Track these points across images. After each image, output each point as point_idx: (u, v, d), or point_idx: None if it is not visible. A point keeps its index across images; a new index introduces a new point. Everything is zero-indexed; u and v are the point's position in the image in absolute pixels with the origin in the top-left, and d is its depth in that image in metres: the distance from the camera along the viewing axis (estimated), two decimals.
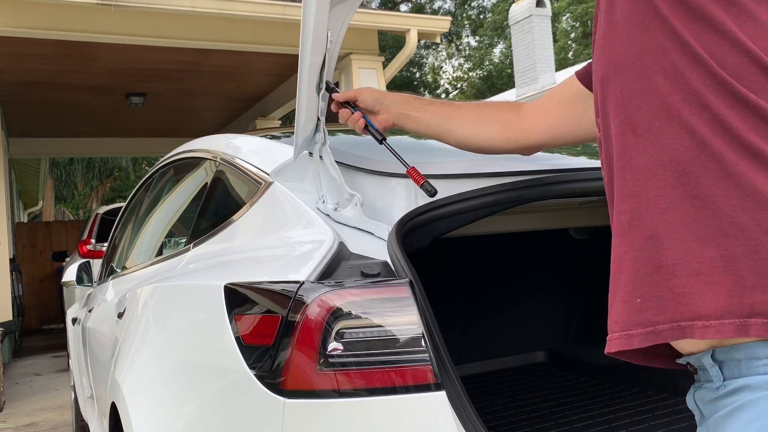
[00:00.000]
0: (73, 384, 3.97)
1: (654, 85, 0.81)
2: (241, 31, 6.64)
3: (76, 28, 6.07)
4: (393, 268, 1.22)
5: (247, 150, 1.90)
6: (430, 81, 29.15)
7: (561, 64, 20.07)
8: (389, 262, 1.24)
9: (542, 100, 1.37)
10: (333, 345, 1.11)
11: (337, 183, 1.48)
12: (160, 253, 2.41)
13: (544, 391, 2.44)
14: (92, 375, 2.79)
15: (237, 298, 1.31)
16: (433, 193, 1.38)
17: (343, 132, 1.93)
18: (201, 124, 10.57)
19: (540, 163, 1.62)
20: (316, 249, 1.28)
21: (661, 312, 0.79)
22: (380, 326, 1.12)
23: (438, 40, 7.99)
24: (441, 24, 7.88)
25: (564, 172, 1.60)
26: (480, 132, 1.42)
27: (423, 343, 1.12)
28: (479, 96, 24.96)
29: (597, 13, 0.93)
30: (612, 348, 0.85)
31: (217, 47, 6.78)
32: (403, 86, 25.71)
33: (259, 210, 1.63)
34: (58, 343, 8.41)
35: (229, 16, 6.32)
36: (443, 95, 29.46)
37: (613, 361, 2.76)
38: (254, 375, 1.19)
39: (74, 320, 3.71)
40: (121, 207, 3.92)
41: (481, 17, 28.20)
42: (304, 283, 1.17)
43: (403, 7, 26.25)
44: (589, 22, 23.17)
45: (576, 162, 1.79)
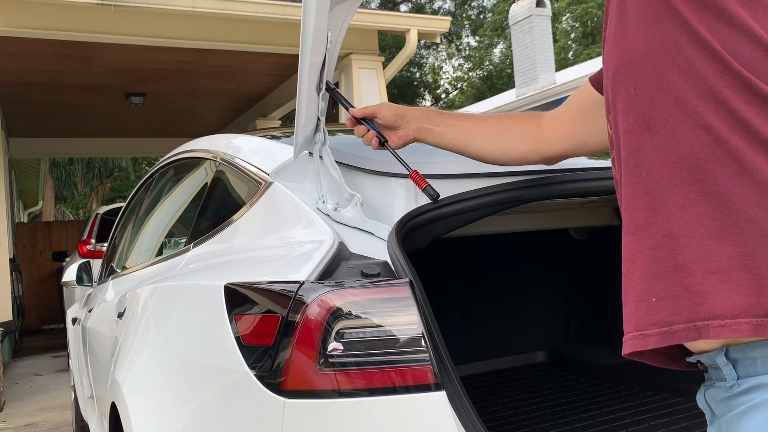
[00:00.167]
0: (73, 384, 3.97)
1: (668, 82, 0.80)
2: (241, 31, 6.64)
3: (76, 28, 6.07)
4: (393, 268, 1.22)
5: (247, 150, 1.90)
6: (430, 81, 29.15)
7: (561, 64, 20.07)
8: (389, 262, 1.24)
9: (562, 109, 1.36)
10: (333, 345, 1.11)
11: (337, 183, 1.48)
12: (160, 253, 2.41)
13: (544, 391, 2.44)
14: (92, 375, 2.79)
15: (237, 298, 1.31)
16: (435, 197, 1.38)
17: (343, 132, 1.93)
18: (201, 124, 10.57)
19: None
20: (316, 249, 1.29)
21: (677, 312, 0.78)
22: (380, 326, 1.12)
23: (438, 40, 7.99)
24: (441, 24, 7.88)
25: (564, 172, 1.60)
26: (503, 145, 1.41)
27: (423, 343, 1.12)
28: (479, 96, 24.94)
29: (607, 10, 0.92)
30: (627, 349, 0.83)
31: (217, 47, 6.78)
32: (403, 86, 25.72)
33: (259, 210, 1.63)
34: (58, 343, 8.41)
35: (229, 16, 6.32)
36: (443, 95, 29.47)
37: (613, 361, 2.75)
38: (254, 375, 1.19)
39: (74, 320, 3.71)
40: (121, 207, 3.92)
41: (481, 17, 28.21)
42: (304, 283, 1.17)
43: (403, 7, 26.27)
44: (589, 22, 23.17)
45: (576, 162, 1.79)
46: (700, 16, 0.78)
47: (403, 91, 25.92)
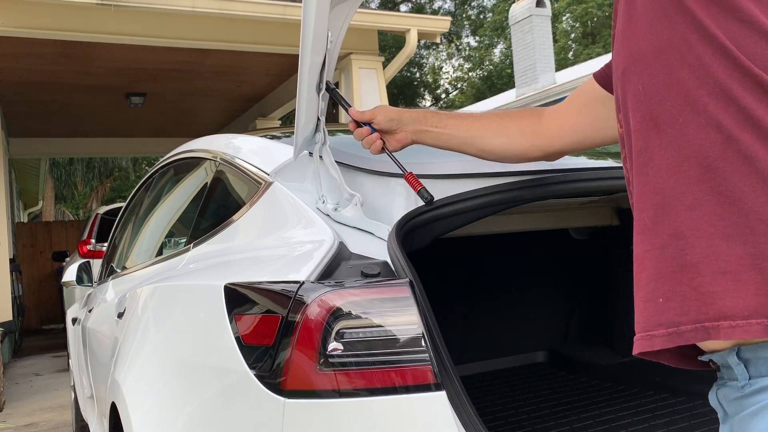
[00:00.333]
0: (73, 384, 3.97)
1: (678, 80, 0.79)
2: (241, 31, 6.64)
3: (76, 28, 6.07)
4: (393, 268, 1.22)
5: (247, 150, 1.90)
6: (430, 81, 29.14)
7: (561, 64, 20.06)
8: (389, 262, 1.24)
9: (564, 104, 1.35)
10: (333, 345, 1.11)
11: (337, 183, 1.48)
12: (160, 253, 2.41)
13: (544, 391, 2.44)
14: (92, 375, 2.80)
15: (237, 298, 1.31)
16: (429, 200, 1.38)
17: (343, 132, 1.93)
18: (201, 124, 10.58)
19: (540, 163, 1.62)
20: (316, 249, 1.29)
21: (685, 312, 0.77)
22: (380, 326, 1.12)
23: (438, 40, 8.00)
24: (441, 24, 7.88)
25: (564, 172, 1.60)
26: (503, 141, 1.40)
27: (423, 343, 1.12)
28: (479, 96, 24.94)
29: (616, 7, 0.91)
30: (635, 349, 0.82)
31: (217, 47, 6.78)
32: (403, 86, 25.72)
33: (259, 210, 1.63)
34: (58, 343, 8.41)
35: (229, 16, 6.32)
36: (443, 95, 29.47)
37: (613, 361, 2.75)
38: (254, 375, 1.19)
39: (74, 320, 3.71)
40: (121, 207, 3.92)
41: (481, 17, 28.21)
42: (304, 283, 1.17)
43: (403, 7, 26.27)
44: (589, 22, 23.17)
45: (576, 162, 1.79)
46: (710, 13, 0.77)
47: (403, 91, 25.92)
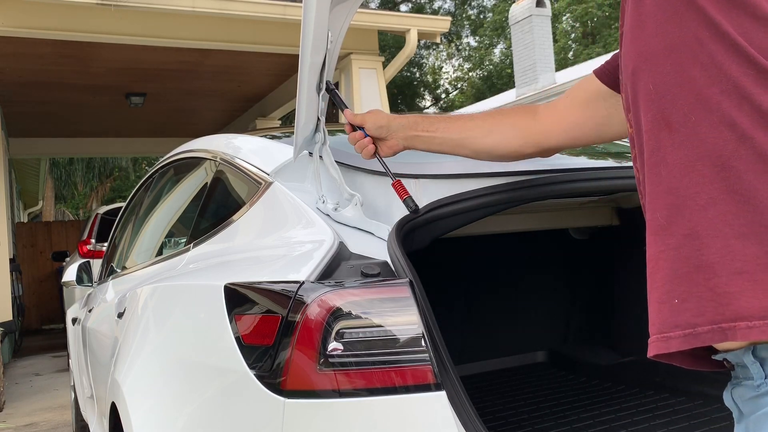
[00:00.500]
0: (73, 384, 3.97)
1: (690, 78, 0.78)
2: (241, 31, 6.64)
3: (76, 28, 6.07)
4: (393, 268, 1.22)
5: (247, 150, 1.90)
6: (430, 81, 29.14)
7: (561, 64, 20.06)
8: (389, 262, 1.24)
9: (560, 100, 1.34)
10: (333, 345, 1.11)
11: (337, 183, 1.48)
12: (160, 253, 2.41)
13: (544, 391, 2.44)
14: (92, 375, 2.80)
15: (237, 298, 1.31)
16: (414, 209, 1.37)
17: (343, 132, 1.93)
18: (201, 124, 10.57)
19: (540, 163, 1.62)
20: (316, 249, 1.29)
21: (701, 313, 0.76)
22: (380, 326, 1.12)
23: (438, 40, 8.00)
24: (441, 24, 7.88)
25: (564, 172, 1.60)
26: (496, 140, 1.39)
27: (423, 343, 1.12)
28: (479, 96, 24.94)
29: (623, 7, 0.90)
30: (651, 352, 0.81)
31: (217, 47, 6.78)
32: (403, 86, 25.72)
33: (259, 210, 1.63)
34: (58, 343, 8.41)
35: (229, 16, 6.32)
36: (443, 95, 29.47)
37: (613, 361, 2.75)
38: (254, 375, 1.19)
39: (74, 320, 3.71)
40: (121, 207, 3.92)
41: (481, 17, 28.21)
42: (304, 283, 1.17)
43: (403, 7, 26.27)
44: (589, 22, 23.16)
45: (576, 162, 1.79)
46: (721, 9, 0.76)
47: (403, 91, 25.92)
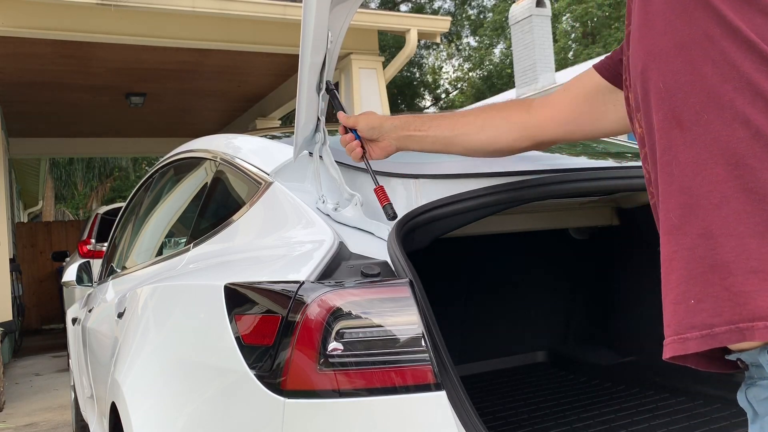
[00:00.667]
0: (73, 384, 3.97)
1: (701, 75, 0.77)
2: (241, 31, 6.64)
3: (76, 28, 6.07)
4: (393, 268, 1.22)
5: (247, 150, 1.90)
6: (430, 81, 29.14)
7: (561, 64, 20.06)
8: (389, 262, 1.24)
9: (557, 95, 1.33)
10: (333, 345, 1.11)
11: (337, 183, 1.48)
12: (160, 253, 2.41)
13: (544, 391, 2.44)
14: (92, 375, 2.80)
15: (237, 298, 1.31)
16: (392, 216, 1.37)
17: None
18: (201, 124, 10.57)
19: (540, 163, 1.62)
20: (316, 249, 1.29)
21: (718, 313, 0.75)
22: (380, 326, 1.12)
23: (438, 40, 7.99)
24: (441, 24, 7.88)
25: (564, 172, 1.60)
26: (489, 135, 1.37)
27: (423, 343, 1.12)
28: (479, 96, 24.94)
29: (630, 6, 0.90)
30: (667, 353, 0.80)
31: (217, 47, 6.78)
32: (403, 86, 25.72)
33: (259, 210, 1.63)
34: (58, 343, 8.41)
35: (229, 16, 6.32)
36: (443, 95, 29.46)
37: (613, 361, 2.74)
38: (254, 375, 1.19)
39: (74, 320, 3.71)
40: (121, 207, 3.92)
41: (481, 17, 28.20)
42: (304, 283, 1.17)
43: (403, 7, 26.27)
44: (589, 22, 23.16)
45: (576, 162, 1.79)
46: (733, 5, 0.76)
47: (403, 91, 25.92)
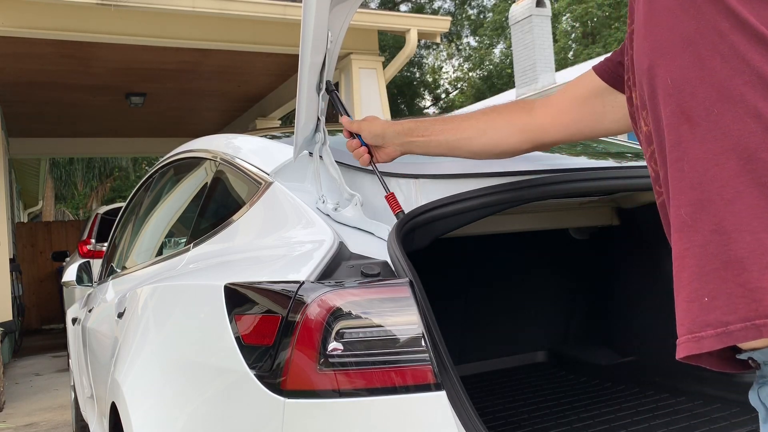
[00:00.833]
0: (73, 384, 3.97)
1: (710, 70, 0.76)
2: (241, 31, 6.64)
3: (76, 28, 6.07)
4: (393, 268, 1.22)
5: (247, 150, 1.90)
6: (430, 81, 29.14)
7: (561, 64, 20.07)
8: (389, 262, 1.24)
9: (557, 96, 1.33)
10: (333, 345, 1.11)
11: (337, 183, 1.48)
12: (160, 253, 2.41)
13: (544, 391, 2.44)
14: (92, 375, 2.80)
15: (237, 298, 1.31)
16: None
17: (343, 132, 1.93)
18: (201, 124, 10.58)
19: (540, 163, 1.62)
20: (316, 249, 1.29)
21: (733, 311, 0.73)
22: (380, 326, 1.12)
23: (438, 40, 7.99)
24: (441, 24, 7.88)
25: (564, 172, 1.60)
26: (492, 139, 1.39)
27: (423, 343, 1.12)
28: (479, 96, 24.94)
29: (632, 4, 0.89)
30: (681, 353, 0.79)
31: (217, 47, 6.78)
32: (403, 86, 25.72)
33: (259, 210, 1.63)
34: (58, 343, 8.42)
35: (229, 16, 6.32)
36: (443, 95, 29.47)
37: (613, 361, 2.74)
38: (254, 375, 1.19)
39: (74, 320, 3.71)
40: (121, 207, 3.92)
41: (481, 17, 28.21)
42: (304, 283, 1.17)
43: (403, 7, 26.27)
44: (589, 22, 23.16)
45: (576, 162, 1.79)
46: None
47: (403, 91, 25.92)
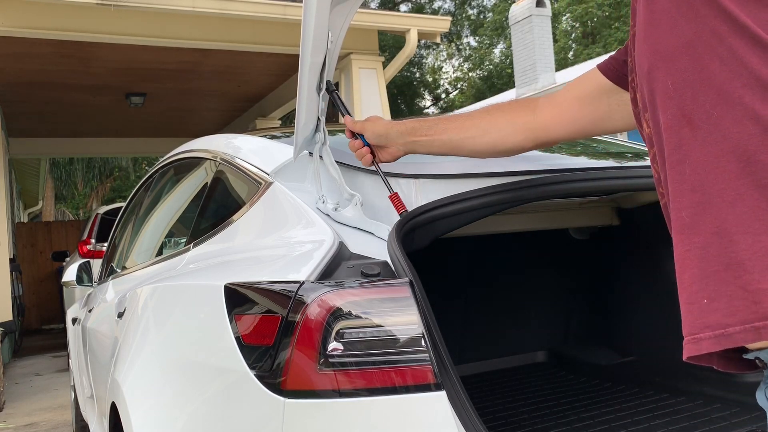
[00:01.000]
0: (73, 384, 3.97)
1: (709, 73, 0.77)
2: (241, 31, 6.64)
3: (76, 28, 6.07)
4: (393, 268, 1.22)
5: (247, 150, 1.90)
6: (430, 81, 29.14)
7: (561, 64, 20.07)
8: (389, 262, 1.24)
9: (560, 95, 1.33)
10: (333, 345, 1.11)
11: (337, 183, 1.48)
12: (160, 253, 2.41)
13: (544, 391, 2.44)
14: (92, 375, 2.80)
15: (237, 298, 1.31)
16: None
17: (343, 132, 1.93)
18: (201, 124, 10.58)
19: (540, 163, 1.62)
20: (316, 249, 1.29)
21: (732, 313, 0.74)
22: (380, 326, 1.12)
23: (438, 40, 7.99)
24: (441, 24, 7.88)
25: (564, 172, 1.60)
26: (495, 138, 1.39)
27: (423, 343, 1.12)
28: (479, 96, 24.94)
29: (634, 5, 0.89)
30: (684, 354, 0.79)
31: (217, 47, 6.78)
32: (403, 86, 25.71)
33: (259, 210, 1.63)
34: (58, 343, 8.42)
35: (229, 16, 6.32)
36: (443, 95, 29.47)
37: (613, 361, 2.74)
38: (254, 375, 1.19)
39: (74, 320, 3.71)
40: (121, 207, 3.92)
41: (481, 17, 28.20)
42: (304, 283, 1.17)
43: (403, 7, 26.26)
44: (589, 22, 23.16)
45: (576, 162, 1.79)
46: (738, 1, 0.75)
47: (403, 91, 25.92)
